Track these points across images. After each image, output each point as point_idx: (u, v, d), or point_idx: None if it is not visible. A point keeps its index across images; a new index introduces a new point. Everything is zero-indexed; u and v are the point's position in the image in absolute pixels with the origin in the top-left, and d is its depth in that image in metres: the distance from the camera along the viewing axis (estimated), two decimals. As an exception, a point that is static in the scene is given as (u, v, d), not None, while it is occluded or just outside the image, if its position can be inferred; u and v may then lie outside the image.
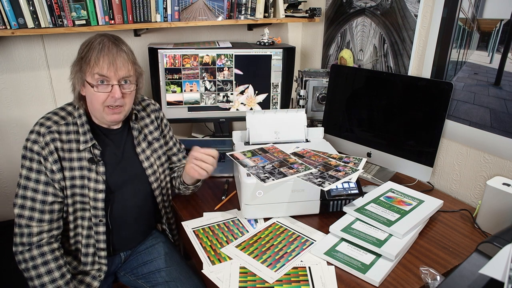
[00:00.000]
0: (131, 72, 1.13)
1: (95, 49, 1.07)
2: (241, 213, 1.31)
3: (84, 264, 1.16)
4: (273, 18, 1.92)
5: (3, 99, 1.64)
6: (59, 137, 1.10)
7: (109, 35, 1.12)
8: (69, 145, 1.12)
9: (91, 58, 1.07)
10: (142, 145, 1.27)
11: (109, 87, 1.09)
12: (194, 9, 1.72)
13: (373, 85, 1.59)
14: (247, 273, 1.05)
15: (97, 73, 1.07)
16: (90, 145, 1.13)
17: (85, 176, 1.12)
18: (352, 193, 1.27)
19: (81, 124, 1.13)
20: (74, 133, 1.13)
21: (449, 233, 1.25)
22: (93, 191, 1.13)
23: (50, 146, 1.08)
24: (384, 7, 1.67)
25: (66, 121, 1.13)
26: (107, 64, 1.07)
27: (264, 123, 1.51)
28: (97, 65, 1.07)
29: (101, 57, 1.07)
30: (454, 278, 0.75)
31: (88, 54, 1.08)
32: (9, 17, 1.39)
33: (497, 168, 1.35)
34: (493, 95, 1.31)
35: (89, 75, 1.08)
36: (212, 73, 1.82)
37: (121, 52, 1.10)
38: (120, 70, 1.09)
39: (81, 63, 1.09)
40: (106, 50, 1.08)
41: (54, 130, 1.10)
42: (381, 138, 1.58)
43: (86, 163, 1.13)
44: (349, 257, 1.09)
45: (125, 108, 1.15)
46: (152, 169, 1.27)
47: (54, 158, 1.08)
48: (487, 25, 1.29)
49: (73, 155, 1.12)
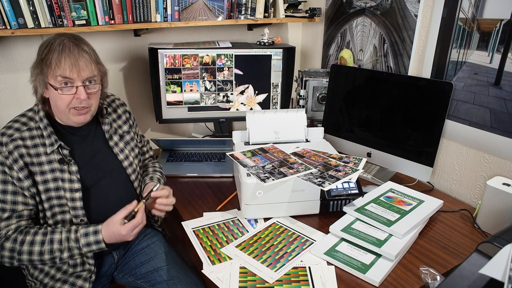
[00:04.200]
0: (95, 72, 1.10)
1: (55, 51, 1.04)
2: (241, 213, 1.31)
3: (74, 266, 1.15)
4: (273, 18, 1.92)
5: (3, 99, 1.64)
6: (23, 143, 1.07)
7: (68, 35, 1.09)
8: (36, 149, 1.09)
9: (51, 60, 1.04)
10: (114, 138, 1.26)
11: (74, 89, 1.06)
12: (194, 9, 1.72)
13: (373, 85, 1.59)
14: (247, 273, 1.05)
15: (60, 75, 1.04)
16: (56, 146, 1.10)
17: (58, 178, 1.10)
18: (352, 193, 1.27)
19: (43, 127, 1.10)
20: (38, 137, 1.10)
21: (449, 233, 1.25)
22: (69, 191, 1.11)
23: (14, 154, 1.05)
24: (384, 7, 1.67)
25: (28, 127, 1.10)
26: (69, 66, 1.04)
27: (264, 123, 1.51)
28: (59, 67, 1.03)
29: (63, 59, 1.04)
30: (454, 278, 0.75)
31: (48, 56, 1.04)
32: (9, 17, 1.39)
33: (497, 168, 1.35)
34: (493, 95, 1.31)
35: (51, 77, 1.05)
36: (212, 73, 1.82)
37: (83, 52, 1.07)
38: (84, 71, 1.06)
39: (42, 65, 1.05)
40: (67, 51, 1.04)
41: (16, 137, 1.07)
42: (381, 138, 1.58)
43: (57, 164, 1.10)
44: (349, 257, 1.09)
45: (91, 109, 1.13)
46: (128, 161, 1.27)
47: (19, 165, 1.05)
48: (487, 25, 1.29)
49: (42, 158, 1.09)
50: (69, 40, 1.06)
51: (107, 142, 1.24)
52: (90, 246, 1.07)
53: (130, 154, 1.28)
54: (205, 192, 1.49)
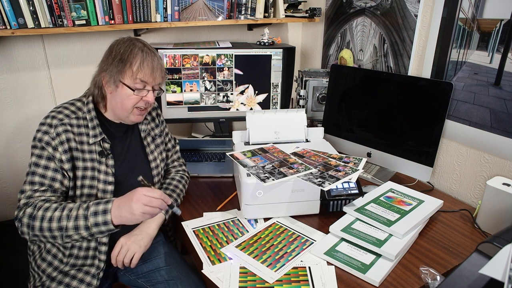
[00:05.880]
0: (164, 79, 1.22)
1: (138, 55, 1.13)
2: (241, 213, 1.31)
3: (84, 257, 1.16)
4: (273, 18, 1.93)
5: (3, 99, 1.64)
6: (71, 129, 1.13)
7: (145, 42, 1.18)
8: (80, 137, 1.15)
9: (135, 63, 1.12)
10: (148, 139, 1.33)
11: (145, 92, 1.16)
12: (194, 9, 1.72)
13: (373, 85, 1.59)
14: (247, 273, 1.05)
15: (140, 78, 1.13)
16: (99, 139, 1.17)
17: (95, 168, 1.16)
18: (352, 193, 1.27)
19: (90, 119, 1.17)
20: (84, 127, 1.16)
21: (449, 233, 1.25)
22: (102, 183, 1.16)
23: (62, 136, 1.11)
24: (384, 7, 1.67)
25: (76, 115, 1.16)
26: (150, 71, 1.14)
27: (264, 123, 1.51)
28: (141, 71, 1.12)
29: (145, 64, 1.13)
30: (454, 278, 0.75)
31: (130, 58, 1.12)
32: (9, 17, 1.39)
33: (497, 168, 1.35)
34: (493, 95, 1.31)
35: (129, 78, 1.13)
36: (212, 73, 1.82)
37: (159, 59, 1.18)
38: (158, 78, 1.17)
39: (122, 65, 1.12)
40: (149, 58, 1.14)
41: (66, 123, 1.13)
42: (381, 138, 1.58)
43: (96, 155, 1.16)
44: (349, 257, 1.09)
45: (148, 109, 1.23)
46: (155, 163, 1.33)
47: (64, 148, 1.11)
48: (487, 25, 1.29)
49: (84, 147, 1.15)
50: (146, 46, 1.16)
51: (141, 141, 1.31)
52: (96, 216, 1.03)
53: (158, 157, 1.34)
54: (205, 192, 1.49)
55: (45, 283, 1.15)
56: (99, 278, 1.16)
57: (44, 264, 1.16)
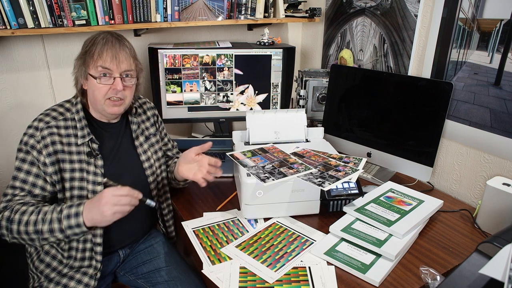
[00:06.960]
0: (132, 66, 1.18)
1: (99, 44, 1.13)
2: (241, 213, 1.31)
3: (82, 259, 1.16)
4: (273, 18, 1.93)
5: (3, 99, 1.64)
6: (58, 131, 1.13)
7: (112, 32, 1.18)
8: (68, 139, 1.15)
9: (94, 51, 1.12)
10: (140, 139, 1.31)
11: (111, 80, 1.14)
12: (194, 9, 1.72)
13: (373, 85, 1.59)
14: (247, 273, 1.05)
15: (100, 66, 1.12)
16: (87, 139, 1.16)
17: (84, 169, 1.15)
18: (352, 193, 1.27)
19: (78, 119, 1.17)
20: (72, 128, 1.16)
21: (449, 233, 1.25)
22: (92, 183, 1.15)
23: (47, 140, 1.11)
24: (384, 7, 1.67)
25: (64, 117, 1.17)
26: (110, 57, 1.12)
27: (264, 123, 1.51)
28: (101, 58, 1.12)
29: (105, 51, 1.12)
30: (454, 278, 0.75)
31: (92, 48, 1.13)
32: (9, 17, 1.39)
33: (497, 168, 1.35)
34: (493, 95, 1.31)
35: (92, 67, 1.13)
36: (212, 73, 1.82)
37: (124, 47, 1.16)
38: (122, 64, 1.15)
39: (85, 57, 1.14)
40: (110, 45, 1.13)
41: (52, 125, 1.13)
42: (381, 138, 1.58)
43: (84, 156, 1.16)
44: (349, 257, 1.09)
45: (125, 101, 1.20)
46: (149, 163, 1.31)
47: (48, 151, 1.11)
48: (487, 25, 1.29)
49: (72, 148, 1.15)
50: (112, 35, 1.16)
51: (133, 141, 1.30)
52: (69, 219, 1.03)
53: (152, 157, 1.33)
54: (205, 192, 1.49)
55: (43, 284, 1.15)
56: (96, 279, 1.16)
57: (42, 266, 1.17)
